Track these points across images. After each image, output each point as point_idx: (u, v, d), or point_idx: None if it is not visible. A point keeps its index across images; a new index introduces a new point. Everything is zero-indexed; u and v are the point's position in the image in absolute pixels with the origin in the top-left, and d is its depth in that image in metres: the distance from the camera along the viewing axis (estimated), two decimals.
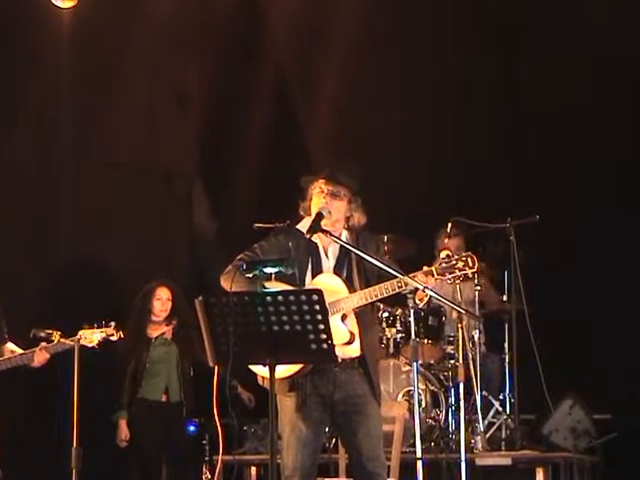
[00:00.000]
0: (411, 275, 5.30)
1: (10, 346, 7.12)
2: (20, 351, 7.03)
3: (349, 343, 5.33)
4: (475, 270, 5.37)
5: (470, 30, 9.35)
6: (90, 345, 6.93)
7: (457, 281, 8.18)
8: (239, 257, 5.46)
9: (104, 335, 6.97)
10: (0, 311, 7.22)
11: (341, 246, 5.47)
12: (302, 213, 5.59)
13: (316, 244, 5.50)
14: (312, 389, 5.35)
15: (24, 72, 8.92)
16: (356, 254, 5.40)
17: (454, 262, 5.36)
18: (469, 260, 5.36)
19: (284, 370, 5.23)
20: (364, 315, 5.43)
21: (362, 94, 9.43)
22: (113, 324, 7.02)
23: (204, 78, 9.67)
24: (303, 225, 5.54)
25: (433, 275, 5.33)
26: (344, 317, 5.35)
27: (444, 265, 5.36)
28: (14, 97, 8.85)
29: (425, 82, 9.34)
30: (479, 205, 8.75)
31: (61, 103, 9.09)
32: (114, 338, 7.05)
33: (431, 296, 5.37)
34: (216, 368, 4.97)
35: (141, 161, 9.43)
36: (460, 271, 5.34)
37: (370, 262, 5.35)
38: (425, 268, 5.36)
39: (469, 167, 9.27)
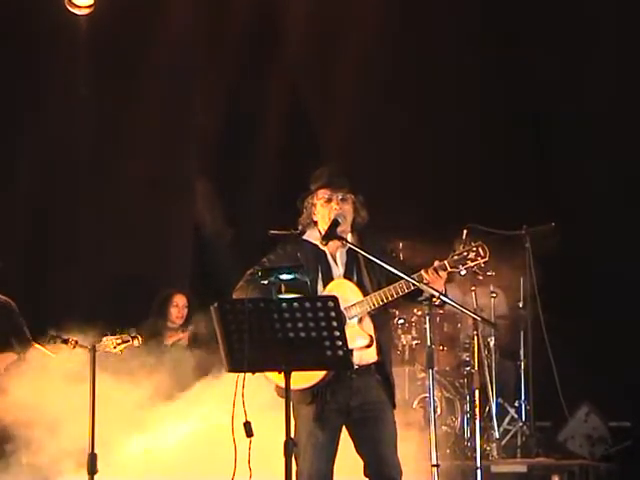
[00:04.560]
0: (424, 270, 5.29)
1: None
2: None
3: (368, 346, 5.32)
4: (487, 260, 5.35)
5: (485, 30, 9.36)
6: (114, 351, 6.99)
7: (472, 288, 8.34)
8: (249, 272, 5.42)
9: (127, 343, 7.02)
10: (21, 318, 7.28)
11: (348, 250, 5.46)
12: (301, 228, 5.57)
13: (324, 252, 5.47)
14: (331, 397, 5.35)
15: (39, 78, 8.95)
16: (368, 258, 5.37)
17: (465, 253, 5.33)
18: (480, 250, 5.33)
19: (305, 380, 5.22)
20: (379, 317, 5.42)
21: (377, 97, 9.42)
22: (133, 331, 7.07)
23: (219, 84, 9.68)
24: (309, 235, 5.53)
25: (446, 269, 5.32)
26: (361, 320, 5.35)
27: (456, 257, 5.34)
28: (26, 103, 8.90)
29: (440, 85, 9.33)
30: (495, 212, 8.73)
31: (77, 112, 9.13)
32: (137, 344, 7.11)
33: (446, 302, 5.36)
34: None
35: (157, 170, 9.44)
36: (472, 262, 5.31)
37: (381, 266, 5.33)
38: (437, 262, 5.36)
39: (485, 173, 9.27)
